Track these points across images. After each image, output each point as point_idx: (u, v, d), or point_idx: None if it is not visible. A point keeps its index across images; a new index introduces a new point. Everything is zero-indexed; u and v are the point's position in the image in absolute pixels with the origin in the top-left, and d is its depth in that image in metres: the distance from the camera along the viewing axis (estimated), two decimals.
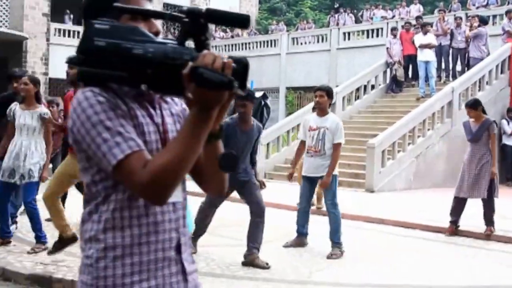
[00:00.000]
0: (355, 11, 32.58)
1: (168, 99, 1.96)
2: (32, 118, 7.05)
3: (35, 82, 7.21)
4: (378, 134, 14.86)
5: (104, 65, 1.70)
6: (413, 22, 20.36)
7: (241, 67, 1.67)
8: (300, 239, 7.94)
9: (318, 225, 8.38)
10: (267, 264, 6.66)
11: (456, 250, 8.24)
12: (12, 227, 8.20)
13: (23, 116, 7.08)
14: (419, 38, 18.19)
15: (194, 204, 6.05)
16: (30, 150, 7.03)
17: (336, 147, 7.47)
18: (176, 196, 1.82)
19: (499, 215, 9.16)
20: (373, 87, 19.94)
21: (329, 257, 7.33)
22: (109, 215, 1.77)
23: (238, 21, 1.71)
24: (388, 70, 19.94)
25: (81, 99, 1.74)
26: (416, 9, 24.53)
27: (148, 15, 1.85)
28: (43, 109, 7.14)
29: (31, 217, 7.25)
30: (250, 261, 6.68)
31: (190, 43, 1.71)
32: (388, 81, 20.02)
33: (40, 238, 7.25)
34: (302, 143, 7.92)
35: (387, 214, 10.29)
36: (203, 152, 1.76)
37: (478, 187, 8.87)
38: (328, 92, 7.64)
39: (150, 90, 1.74)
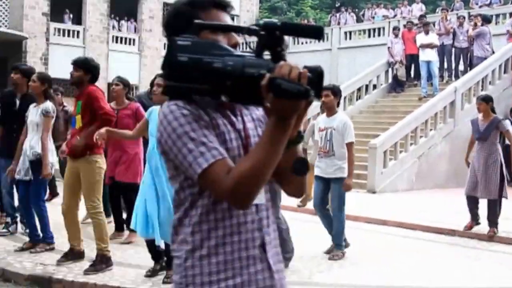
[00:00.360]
0: (356, 10, 32.57)
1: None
2: (37, 114, 7.02)
3: (44, 79, 7.16)
4: (380, 134, 14.81)
5: (187, 79, 1.81)
6: (415, 21, 20.31)
7: (316, 76, 1.74)
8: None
9: (318, 225, 8.31)
10: None
11: (459, 252, 8.20)
12: (12, 227, 8.17)
13: (31, 113, 7.11)
14: (421, 38, 18.12)
15: None
16: (32, 146, 6.97)
17: (348, 147, 7.29)
18: (259, 198, 1.91)
19: (503, 216, 9.10)
20: (374, 87, 19.88)
21: (331, 258, 7.28)
22: (197, 218, 1.90)
23: (311, 32, 1.83)
24: (390, 69, 19.88)
25: (166, 112, 1.87)
26: (418, 8, 24.46)
27: (227, 30, 1.97)
28: (46, 104, 7.05)
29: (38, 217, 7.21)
30: None
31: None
32: (390, 81, 19.96)
33: (46, 238, 7.20)
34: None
35: (389, 215, 10.25)
36: (282, 156, 1.81)
37: (488, 187, 8.76)
38: (333, 90, 7.41)
39: (230, 100, 1.86)
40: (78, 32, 31.90)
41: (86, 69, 6.46)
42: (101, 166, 6.45)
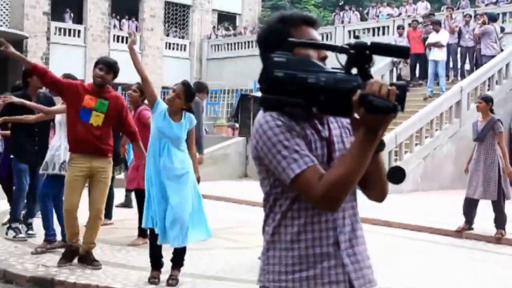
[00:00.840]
0: (360, 8, 32.46)
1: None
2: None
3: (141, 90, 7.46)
4: (384, 134, 14.69)
5: (282, 93, 1.97)
6: (420, 19, 20.20)
7: (401, 92, 1.93)
8: None
9: None
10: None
11: (464, 253, 8.16)
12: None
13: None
14: (433, 37, 17.89)
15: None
16: (64, 144, 7.08)
17: None
18: None
19: (510, 218, 9.03)
20: None
21: None
22: (279, 215, 2.14)
23: (399, 52, 2.04)
24: (394, 69, 19.78)
25: (262, 122, 2.07)
26: (423, 7, 24.36)
27: (320, 48, 2.18)
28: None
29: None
30: None
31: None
32: (394, 80, 19.85)
33: (46, 235, 7.20)
34: None
35: (394, 217, 10.17)
36: None
37: (487, 188, 8.78)
38: None
39: (321, 112, 2.06)
40: (79, 31, 31.88)
41: (115, 72, 6.58)
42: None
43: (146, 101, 7.06)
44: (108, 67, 6.51)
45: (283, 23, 2.19)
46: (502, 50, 17.41)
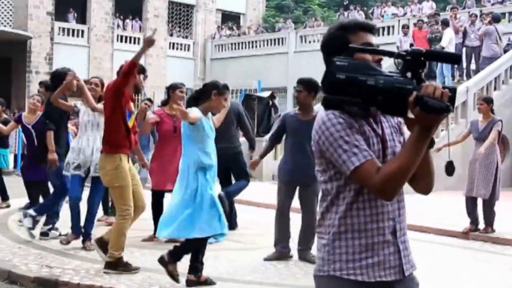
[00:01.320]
0: (365, 8, 32.42)
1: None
2: (95, 114, 7.27)
3: (102, 84, 7.57)
4: None
5: (343, 93, 2.22)
6: (425, 19, 20.15)
7: (453, 94, 2.15)
8: None
9: None
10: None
11: (470, 255, 8.13)
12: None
13: (86, 113, 7.35)
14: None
15: None
16: (96, 145, 7.18)
17: None
18: None
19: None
20: None
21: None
22: (343, 207, 2.36)
23: (451, 58, 2.32)
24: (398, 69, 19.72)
25: (325, 119, 2.33)
26: (428, 6, 24.30)
27: (378, 54, 2.40)
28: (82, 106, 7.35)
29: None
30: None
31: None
32: None
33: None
34: None
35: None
36: None
37: (484, 187, 8.91)
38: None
39: (378, 111, 2.33)
40: (82, 31, 31.92)
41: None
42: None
43: None
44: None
45: (342, 30, 2.46)
46: (504, 52, 17.34)
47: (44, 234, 7.87)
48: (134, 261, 6.75)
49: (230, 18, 38.57)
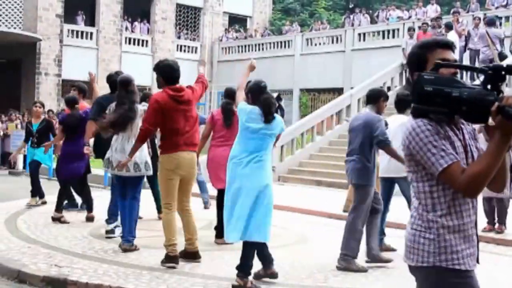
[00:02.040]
0: (370, 11, 32.41)
1: (462, 121, 2.77)
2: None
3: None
4: None
5: (430, 104, 2.57)
6: (430, 22, 20.20)
7: None
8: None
9: (334, 229, 8.29)
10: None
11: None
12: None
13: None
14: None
15: None
16: (123, 145, 7.36)
17: None
18: None
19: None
20: (389, 89, 19.79)
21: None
22: (445, 205, 2.69)
23: None
24: (404, 71, 19.79)
25: (415, 126, 2.69)
26: (433, 10, 24.29)
27: (462, 69, 2.88)
28: (144, 106, 7.42)
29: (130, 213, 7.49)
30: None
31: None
32: (404, 83, 19.87)
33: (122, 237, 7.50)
34: None
35: (404, 219, 10.13)
36: None
37: (508, 186, 8.87)
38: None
39: (461, 119, 2.68)
40: (91, 33, 32.03)
41: (157, 71, 6.74)
42: (165, 167, 6.71)
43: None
44: (154, 70, 6.88)
45: (421, 48, 2.83)
46: (500, 55, 17.36)
47: (110, 232, 8.23)
48: (142, 260, 6.85)
49: (237, 21, 38.63)
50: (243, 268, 5.92)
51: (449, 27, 18.05)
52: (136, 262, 6.75)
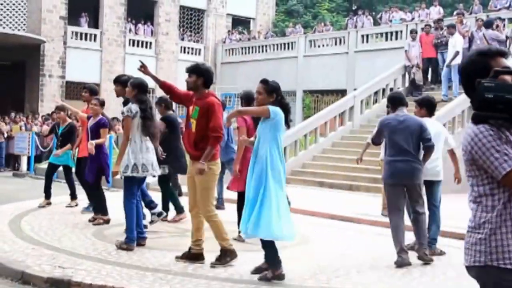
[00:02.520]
0: (373, 13, 32.43)
1: None
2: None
3: (134, 86, 7.92)
4: None
5: (491, 110, 2.65)
6: (433, 24, 20.22)
7: None
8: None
9: (336, 230, 8.31)
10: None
11: None
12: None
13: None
14: (451, 42, 17.89)
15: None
16: (149, 147, 7.62)
17: (451, 152, 8.14)
18: None
19: None
20: (392, 90, 19.80)
21: (432, 254, 7.57)
22: (500, 206, 2.77)
23: None
24: (407, 73, 19.80)
25: (477, 132, 2.75)
26: (436, 11, 24.31)
27: None
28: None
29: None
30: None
31: None
32: (407, 84, 19.89)
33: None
34: None
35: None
36: None
37: None
38: (420, 102, 8.03)
39: None
40: (95, 35, 32.10)
41: (198, 73, 6.77)
42: (215, 173, 6.86)
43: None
44: (188, 71, 6.87)
45: (482, 55, 2.89)
46: None
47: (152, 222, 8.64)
48: (145, 262, 6.88)
49: (240, 23, 38.70)
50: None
51: (452, 27, 18.09)
52: (139, 263, 6.78)
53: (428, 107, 7.99)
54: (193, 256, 6.88)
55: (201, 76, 6.74)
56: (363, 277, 6.68)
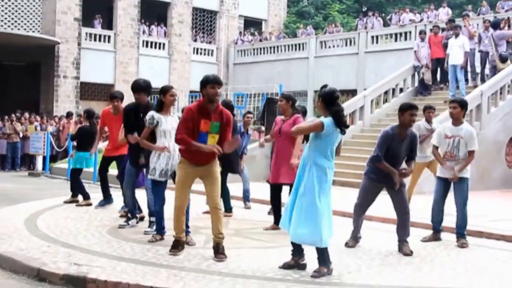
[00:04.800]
0: (383, 14, 32.40)
1: None
2: (172, 122, 7.92)
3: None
4: None
5: None
6: (441, 25, 20.24)
7: None
8: (436, 235, 8.85)
9: (348, 228, 8.39)
10: (411, 252, 7.71)
11: (488, 254, 8.18)
12: (132, 222, 9.13)
13: (168, 121, 7.95)
14: (452, 41, 17.97)
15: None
16: (176, 151, 7.74)
17: (470, 153, 8.43)
18: None
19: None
20: (401, 90, 19.86)
21: (460, 246, 8.36)
22: None
23: None
24: (416, 73, 19.83)
25: None
26: (444, 12, 24.32)
27: None
28: (179, 114, 8.05)
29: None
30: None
31: None
32: (416, 84, 19.93)
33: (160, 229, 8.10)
34: (436, 148, 8.77)
35: (418, 217, 10.21)
36: None
37: None
38: (461, 103, 8.51)
39: None
40: (109, 36, 32.28)
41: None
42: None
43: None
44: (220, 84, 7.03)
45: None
46: (500, 55, 17.44)
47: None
48: (160, 258, 6.95)
49: (252, 24, 38.79)
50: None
51: (458, 28, 18.16)
52: (153, 260, 6.85)
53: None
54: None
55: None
56: (374, 273, 6.74)
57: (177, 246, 7.20)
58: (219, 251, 6.98)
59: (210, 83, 6.83)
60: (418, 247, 8.28)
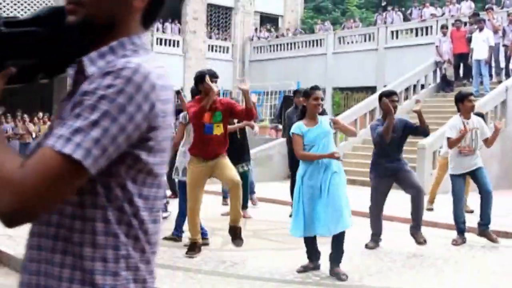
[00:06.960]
0: (403, 9, 32.15)
1: None
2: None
3: None
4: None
5: None
6: (464, 19, 19.95)
7: None
8: (463, 237, 8.52)
9: (369, 230, 8.24)
10: (424, 240, 7.76)
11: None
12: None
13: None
14: (476, 36, 17.68)
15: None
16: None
17: (486, 140, 8.59)
18: None
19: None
20: (422, 86, 19.61)
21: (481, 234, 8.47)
22: None
23: None
24: (438, 69, 19.57)
25: None
26: (467, 6, 23.99)
27: None
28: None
29: None
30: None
31: None
32: (438, 80, 19.66)
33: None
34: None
35: (440, 217, 10.06)
36: None
37: None
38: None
39: None
40: None
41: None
42: None
43: None
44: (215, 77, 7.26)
45: None
46: None
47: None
48: (176, 261, 6.90)
49: (268, 20, 38.63)
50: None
51: (482, 21, 17.88)
52: (170, 263, 6.81)
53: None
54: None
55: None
56: (396, 275, 6.65)
57: (194, 248, 7.17)
58: (236, 236, 7.13)
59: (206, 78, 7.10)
60: (442, 249, 8.12)
